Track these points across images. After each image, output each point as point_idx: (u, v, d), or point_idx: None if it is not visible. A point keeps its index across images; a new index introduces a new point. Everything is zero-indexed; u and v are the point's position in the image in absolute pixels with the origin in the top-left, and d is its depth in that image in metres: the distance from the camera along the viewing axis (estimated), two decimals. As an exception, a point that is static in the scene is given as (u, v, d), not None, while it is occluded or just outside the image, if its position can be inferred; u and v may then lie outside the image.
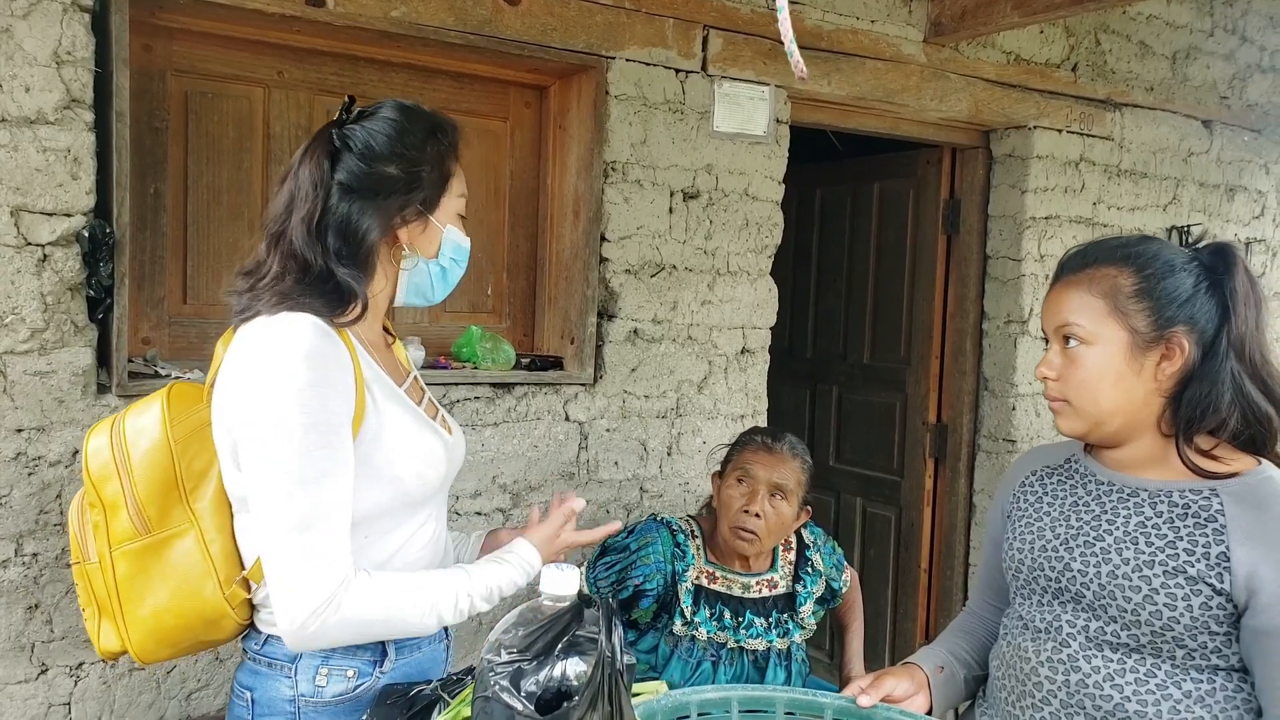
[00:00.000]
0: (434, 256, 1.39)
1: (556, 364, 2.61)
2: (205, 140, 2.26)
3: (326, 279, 1.27)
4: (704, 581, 2.06)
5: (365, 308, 1.30)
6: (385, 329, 1.47)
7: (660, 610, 2.06)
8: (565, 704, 0.81)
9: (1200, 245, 1.36)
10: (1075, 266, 1.36)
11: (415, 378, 1.48)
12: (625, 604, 2.04)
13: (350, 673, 1.31)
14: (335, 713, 1.30)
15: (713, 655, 2.05)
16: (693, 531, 2.11)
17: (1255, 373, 1.29)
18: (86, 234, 1.92)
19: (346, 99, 1.36)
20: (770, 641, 2.08)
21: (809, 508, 2.14)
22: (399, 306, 1.45)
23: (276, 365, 1.20)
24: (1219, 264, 1.31)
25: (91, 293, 1.96)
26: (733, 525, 2.03)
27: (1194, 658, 1.26)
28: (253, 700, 1.32)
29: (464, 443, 1.52)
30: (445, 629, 1.46)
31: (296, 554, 1.19)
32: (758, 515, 2.01)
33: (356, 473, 1.25)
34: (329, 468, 1.20)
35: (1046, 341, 1.39)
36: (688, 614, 2.02)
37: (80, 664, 2.03)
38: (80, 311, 1.96)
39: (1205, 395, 1.28)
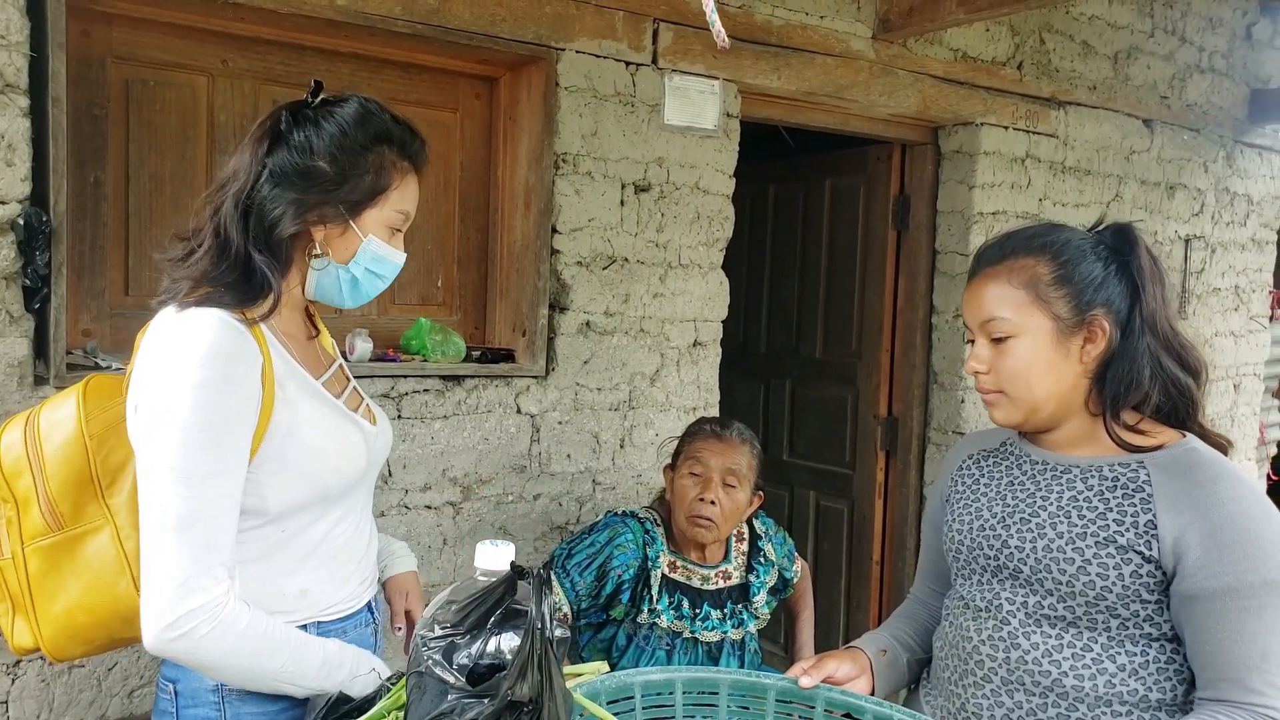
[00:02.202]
0: (345, 263, 1.34)
1: (508, 356, 2.60)
2: (147, 129, 2.22)
3: (245, 264, 1.25)
4: (666, 570, 2.08)
5: (278, 301, 1.27)
6: (310, 318, 1.45)
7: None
8: (497, 675, 0.82)
9: (1101, 228, 1.39)
10: (993, 259, 1.37)
11: (340, 366, 1.46)
12: (608, 601, 2.05)
13: None
14: (261, 700, 1.28)
15: (668, 644, 2.07)
16: (656, 520, 2.14)
17: (1169, 345, 1.33)
18: (22, 222, 1.88)
19: (313, 83, 1.34)
20: (725, 632, 2.10)
21: (760, 493, 2.17)
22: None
23: (175, 361, 1.18)
24: (1122, 245, 1.35)
25: (28, 282, 1.92)
26: (689, 515, 2.05)
27: (1128, 628, 1.29)
28: (176, 692, 1.30)
29: (390, 433, 1.50)
30: (371, 610, 1.45)
31: (174, 553, 1.15)
32: (713, 503, 2.04)
33: (270, 469, 1.23)
34: (216, 467, 1.17)
35: (969, 337, 1.41)
36: (654, 600, 2.03)
37: (17, 662, 1.98)
38: (16, 301, 1.92)
39: (1127, 372, 1.31)
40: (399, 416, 2.38)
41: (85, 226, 2.14)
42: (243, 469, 1.20)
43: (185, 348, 1.18)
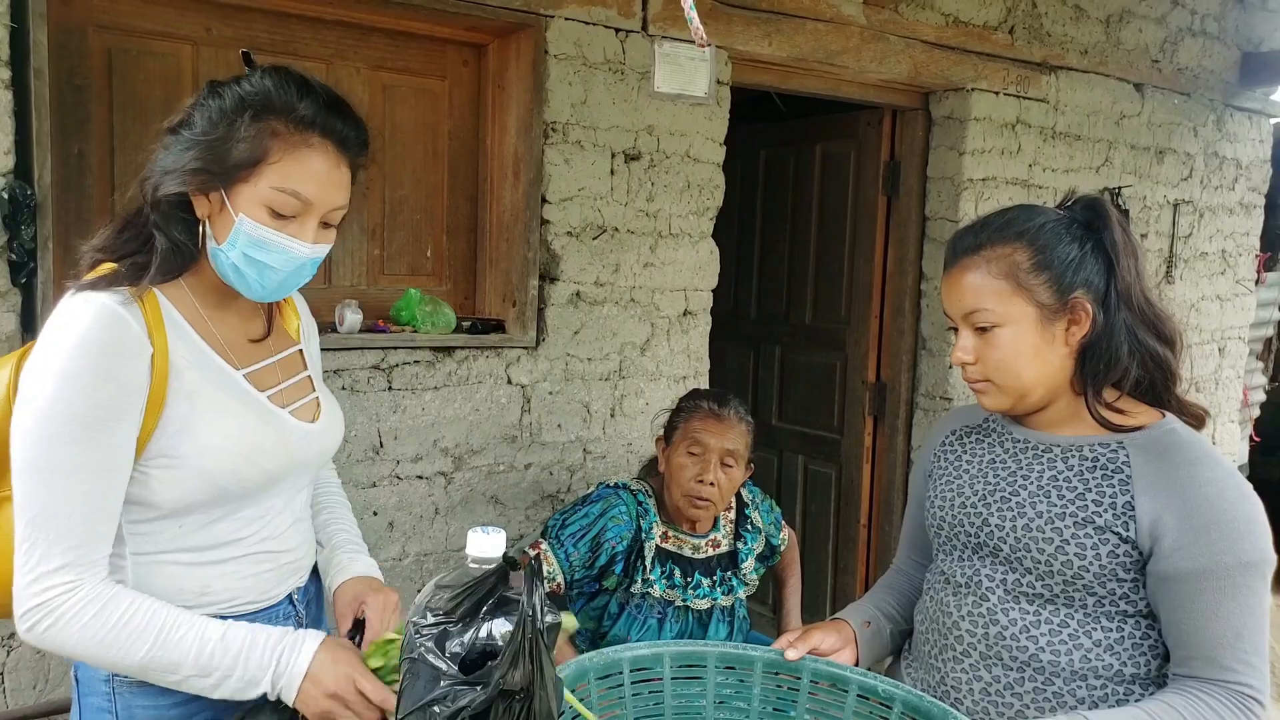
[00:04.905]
0: (220, 244, 1.21)
1: (498, 327, 2.61)
2: (131, 99, 2.19)
3: (148, 233, 1.22)
4: (659, 540, 2.10)
5: (153, 270, 1.20)
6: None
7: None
8: (489, 663, 0.83)
9: (1071, 203, 1.39)
10: (968, 248, 1.37)
11: (298, 352, 1.38)
12: (601, 572, 2.07)
13: None
14: (153, 693, 1.22)
15: (659, 612, 2.10)
16: (647, 491, 2.16)
17: (1144, 317, 1.33)
18: (6, 195, 1.87)
19: (243, 54, 1.27)
20: (715, 599, 2.14)
21: (752, 464, 2.19)
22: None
23: (48, 350, 1.13)
24: (1094, 220, 1.35)
25: (14, 256, 1.91)
26: (687, 494, 2.06)
27: (1104, 605, 1.31)
28: (77, 679, 1.28)
29: (338, 430, 1.40)
30: (292, 603, 1.37)
31: (27, 548, 1.12)
32: (712, 484, 2.05)
33: (160, 464, 1.18)
34: (78, 463, 1.12)
35: (952, 326, 1.40)
36: (647, 570, 2.06)
37: (11, 634, 2.00)
38: (2, 275, 1.91)
39: (1106, 349, 1.32)
40: (390, 388, 2.39)
41: (70, 199, 2.12)
42: (114, 465, 1.14)
43: (60, 337, 1.13)
